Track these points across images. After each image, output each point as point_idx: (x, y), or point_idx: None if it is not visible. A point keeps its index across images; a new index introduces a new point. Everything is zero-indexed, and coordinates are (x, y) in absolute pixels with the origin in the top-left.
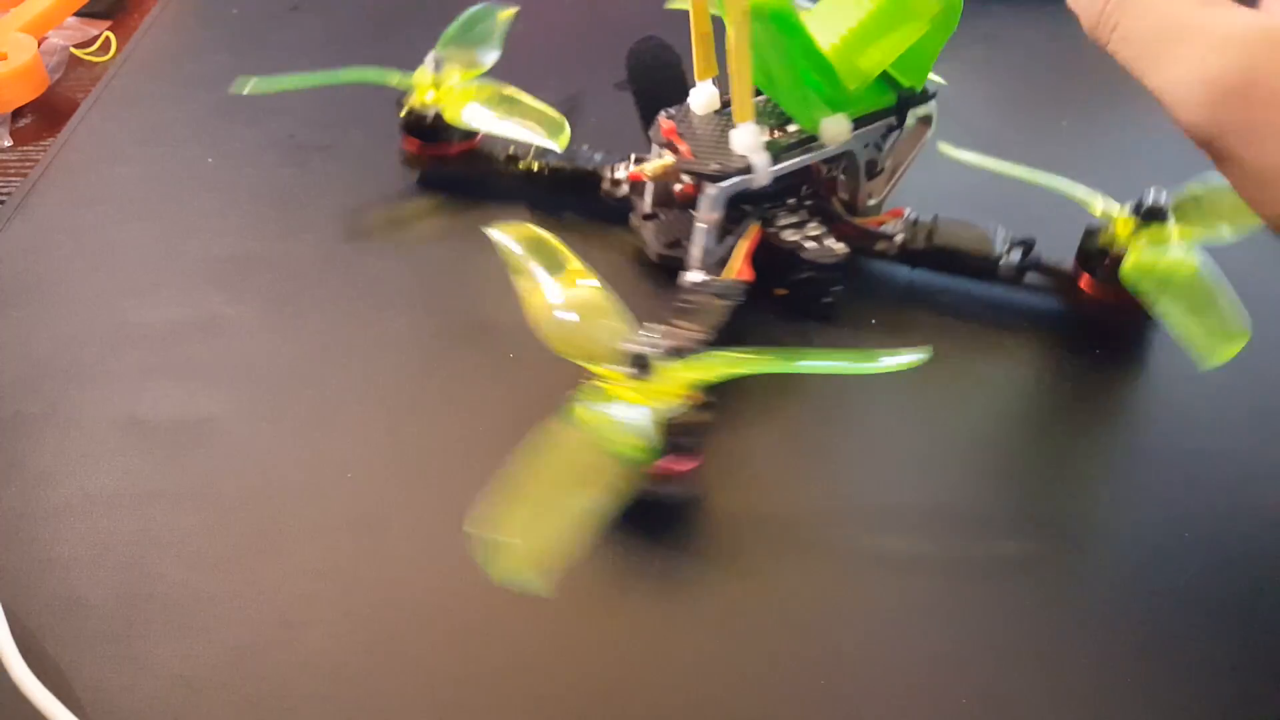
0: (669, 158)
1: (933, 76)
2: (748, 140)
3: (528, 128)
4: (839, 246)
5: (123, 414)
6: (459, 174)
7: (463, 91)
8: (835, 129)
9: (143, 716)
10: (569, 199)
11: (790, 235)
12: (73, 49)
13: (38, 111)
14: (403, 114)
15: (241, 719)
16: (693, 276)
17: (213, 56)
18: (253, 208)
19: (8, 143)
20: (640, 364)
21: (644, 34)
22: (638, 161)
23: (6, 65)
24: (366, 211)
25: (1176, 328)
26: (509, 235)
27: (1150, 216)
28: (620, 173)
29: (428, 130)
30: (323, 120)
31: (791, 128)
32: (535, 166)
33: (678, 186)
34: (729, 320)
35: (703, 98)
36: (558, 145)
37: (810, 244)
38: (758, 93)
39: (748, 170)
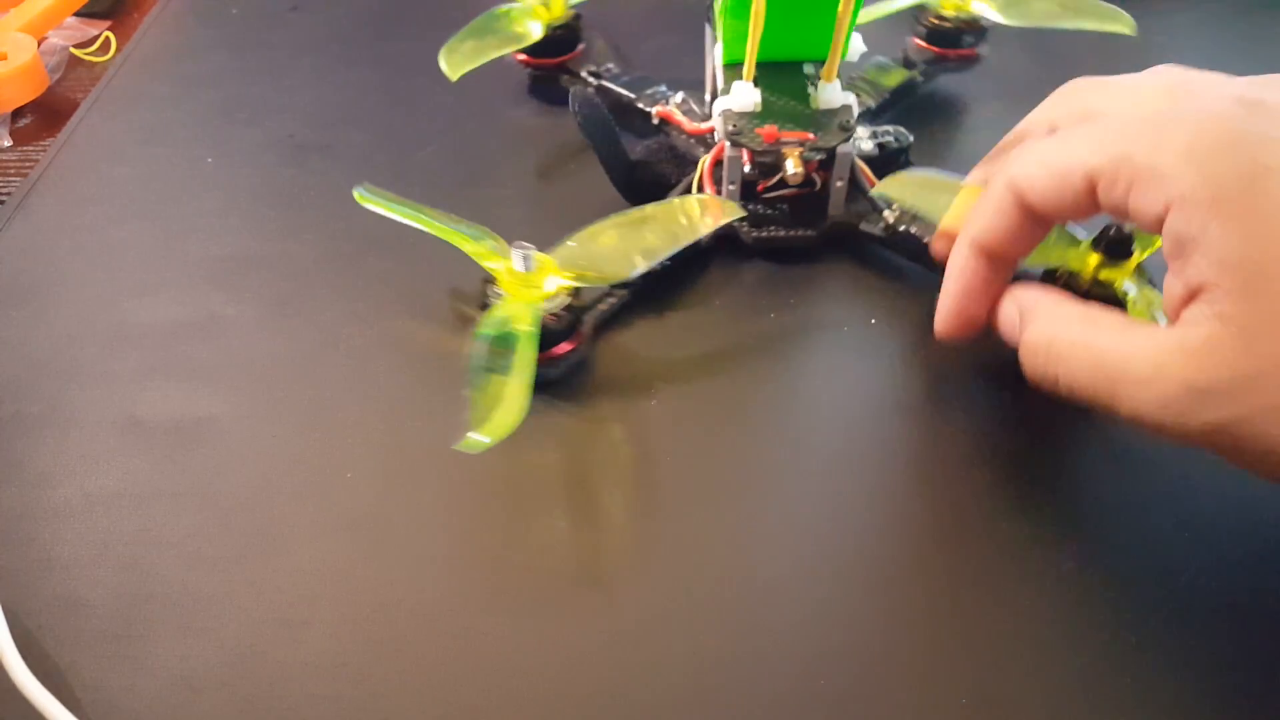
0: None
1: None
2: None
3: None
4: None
5: (123, 414)
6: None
7: None
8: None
9: (143, 716)
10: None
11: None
12: (73, 49)
13: (38, 111)
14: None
15: (241, 719)
16: None
17: (213, 56)
18: (253, 208)
19: (8, 143)
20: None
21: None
22: (683, 103)
23: (6, 65)
24: (366, 211)
25: None
26: None
27: (1113, 252)
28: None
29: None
30: (323, 120)
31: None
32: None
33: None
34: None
35: (747, 97)
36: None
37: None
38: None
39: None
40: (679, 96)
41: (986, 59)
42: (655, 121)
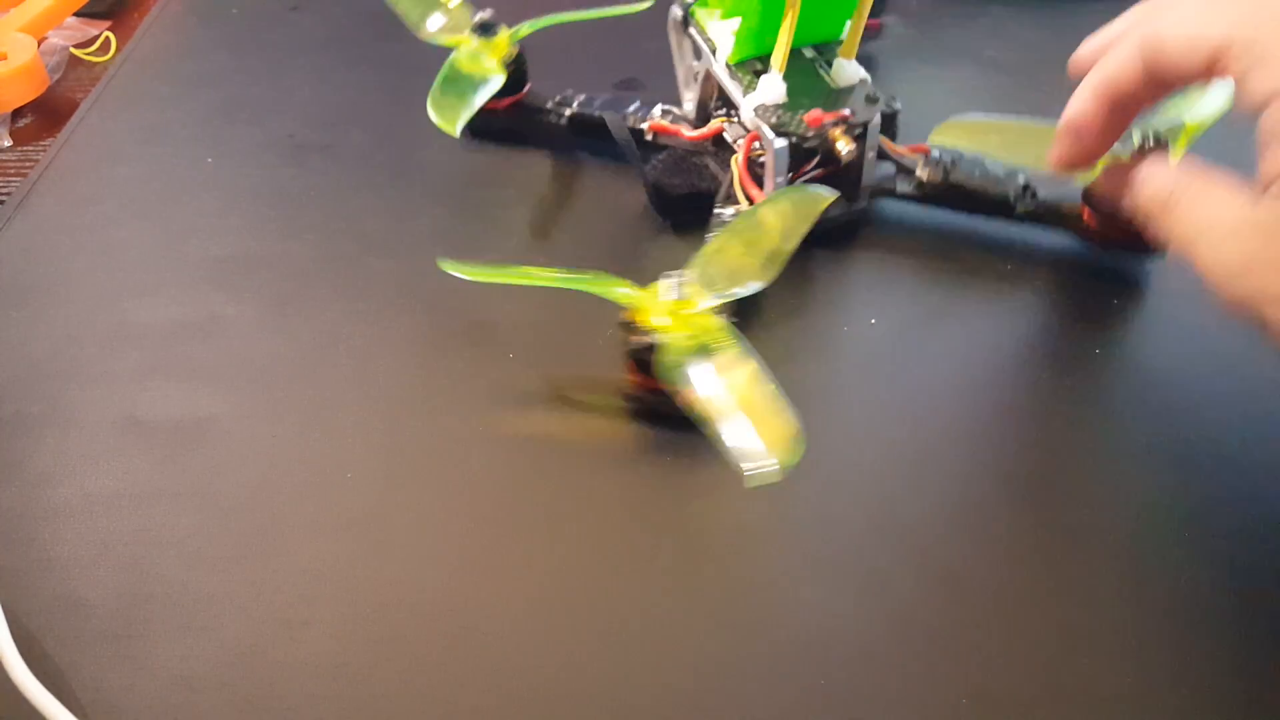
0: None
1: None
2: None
3: None
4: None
5: (123, 414)
6: (505, 125)
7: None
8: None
9: (143, 716)
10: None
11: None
12: (73, 49)
13: (38, 111)
14: None
15: (241, 719)
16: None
17: (213, 56)
18: (253, 208)
19: (8, 143)
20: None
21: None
22: (665, 114)
23: (6, 65)
24: (367, 212)
25: None
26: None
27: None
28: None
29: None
30: (323, 120)
31: None
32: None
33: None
34: None
35: (778, 89)
36: None
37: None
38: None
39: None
40: (658, 110)
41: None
42: (649, 137)
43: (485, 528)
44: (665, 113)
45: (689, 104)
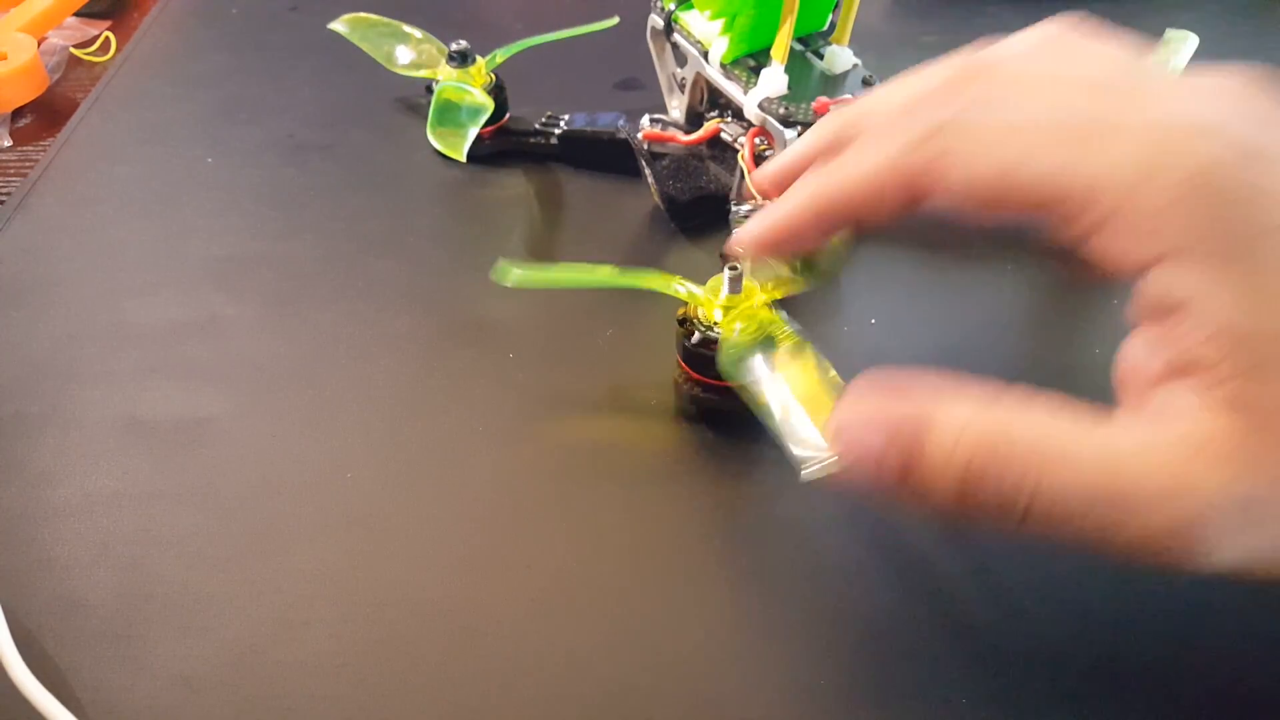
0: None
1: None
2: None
3: None
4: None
5: (123, 414)
6: (491, 151)
7: None
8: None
9: (143, 716)
10: (589, 163)
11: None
12: (73, 49)
13: (37, 111)
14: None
15: (241, 719)
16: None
17: (213, 56)
18: (253, 208)
19: (8, 143)
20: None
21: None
22: (654, 123)
23: (6, 65)
24: (366, 211)
25: None
26: None
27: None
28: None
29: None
30: (323, 120)
31: None
32: (557, 133)
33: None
34: None
35: (780, 81)
36: None
37: None
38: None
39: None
40: (646, 120)
41: None
42: (646, 147)
43: (485, 527)
44: (654, 121)
45: (676, 110)
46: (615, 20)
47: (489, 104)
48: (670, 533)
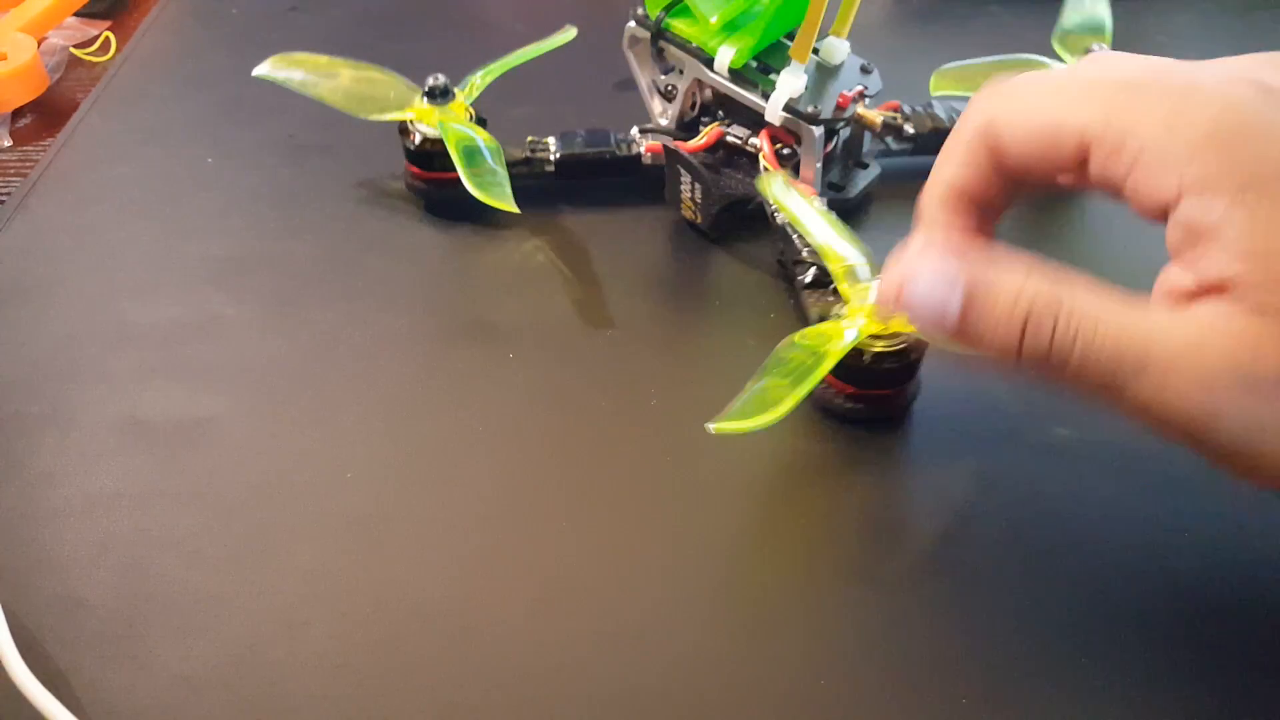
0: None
1: None
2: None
3: None
4: None
5: (123, 414)
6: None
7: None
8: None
9: (143, 716)
10: (587, 183)
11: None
12: (73, 49)
13: (38, 111)
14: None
15: (241, 719)
16: None
17: (213, 56)
18: (253, 208)
19: (8, 143)
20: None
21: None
22: (644, 133)
23: (6, 65)
24: (366, 211)
25: None
26: None
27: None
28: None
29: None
30: (323, 120)
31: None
32: (551, 160)
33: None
34: None
35: (800, 80)
36: None
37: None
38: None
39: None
40: (635, 132)
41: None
42: (647, 160)
43: (485, 527)
44: (644, 132)
45: (663, 119)
46: (573, 33)
47: (484, 139)
48: (670, 533)
